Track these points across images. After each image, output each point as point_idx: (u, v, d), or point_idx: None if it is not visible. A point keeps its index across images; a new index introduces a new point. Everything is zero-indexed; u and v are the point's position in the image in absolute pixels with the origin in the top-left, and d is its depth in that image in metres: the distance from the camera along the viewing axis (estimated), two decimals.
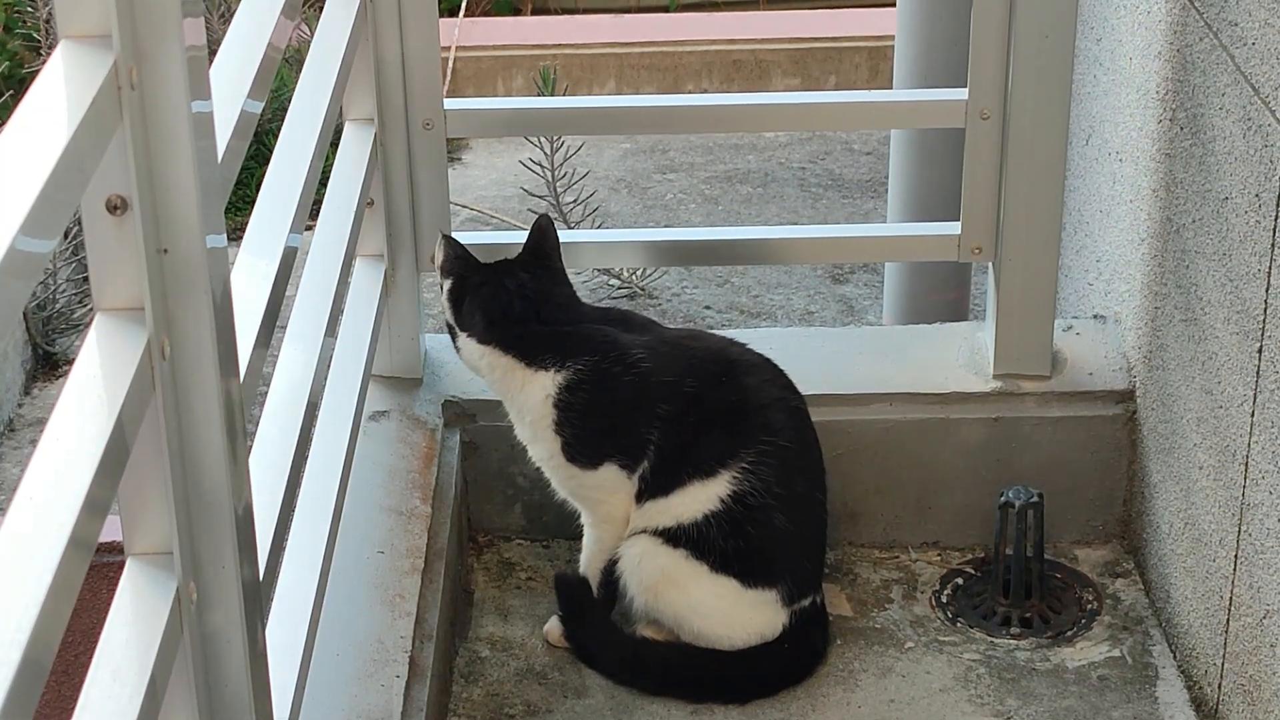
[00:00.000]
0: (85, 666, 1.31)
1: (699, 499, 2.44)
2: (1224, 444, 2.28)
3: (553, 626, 2.56)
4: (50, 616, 1.09)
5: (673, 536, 2.45)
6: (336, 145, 2.50)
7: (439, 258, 2.55)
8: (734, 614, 2.46)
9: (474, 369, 2.54)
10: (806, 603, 2.48)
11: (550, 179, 4.51)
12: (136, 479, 1.37)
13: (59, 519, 1.16)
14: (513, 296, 2.49)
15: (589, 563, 2.55)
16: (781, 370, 2.54)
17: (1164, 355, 2.54)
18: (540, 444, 2.50)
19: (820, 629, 2.53)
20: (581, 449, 2.48)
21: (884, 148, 4.87)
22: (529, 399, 2.47)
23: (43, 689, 1.08)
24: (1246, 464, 2.19)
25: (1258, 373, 2.14)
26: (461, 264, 2.53)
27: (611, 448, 2.47)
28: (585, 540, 2.56)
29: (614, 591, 2.51)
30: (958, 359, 2.77)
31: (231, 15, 1.84)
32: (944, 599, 2.67)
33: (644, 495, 2.47)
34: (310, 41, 2.35)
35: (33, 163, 1.14)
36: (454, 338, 2.54)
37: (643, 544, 2.46)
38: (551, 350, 2.46)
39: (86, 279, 3.71)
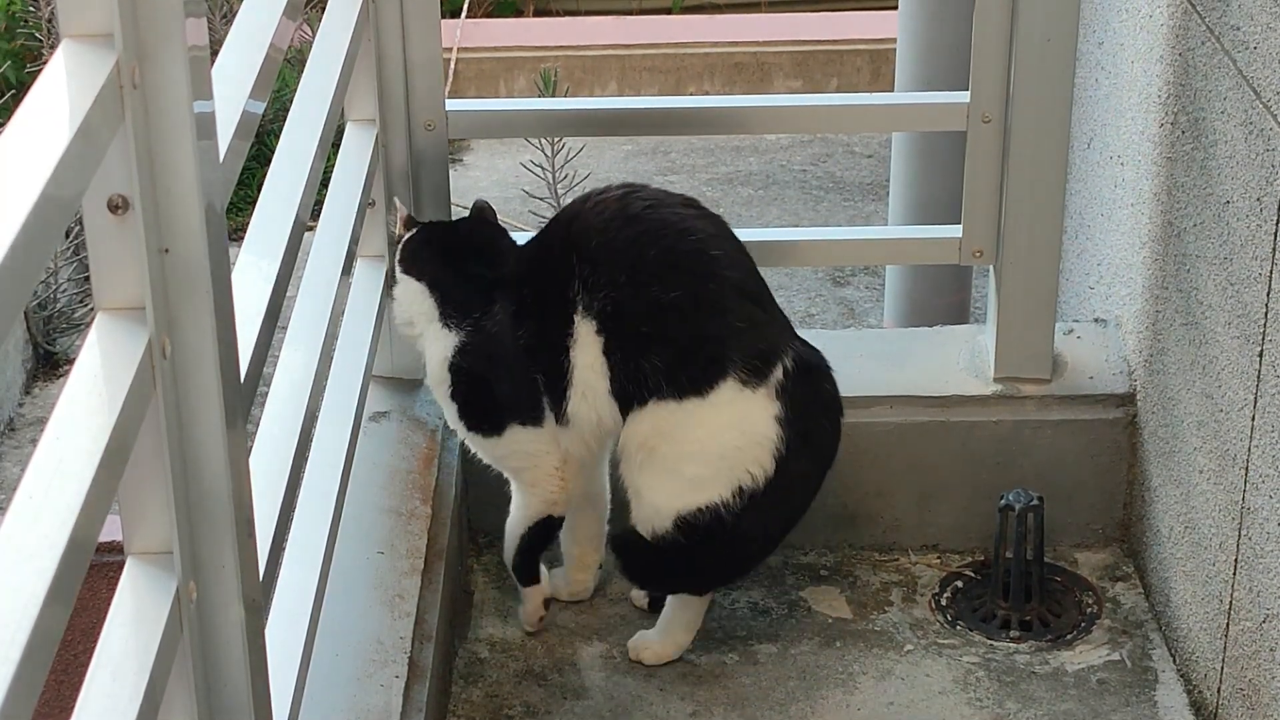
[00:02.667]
0: (85, 666, 1.31)
1: (591, 353, 2.35)
2: (1224, 448, 2.28)
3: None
4: (50, 616, 1.09)
5: (624, 397, 2.36)
6: (338, 146, 2.51)
7: (398, 225, 2.53)
8: (719, 421, 2.34)
9: (406, 322, 2.49)
10: (779, 371, 2.36)
11: (551, 180, 4.51)
12: (137, 478, 1.37)
13: (59, 518, 1.16)
14: (458, 227, 2.51)
15: (511, 528, 2.52)
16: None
17: (1164, 359, 2.54)
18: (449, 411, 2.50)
19: (822, 376, 2.43)
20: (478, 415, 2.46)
21: (885, 150, 4.88)
22: (431, 359, 2.47)
23: (42, 688, 1.08)
24: (1247, 468, 2.19)
25: (1258, 377, 2.14)
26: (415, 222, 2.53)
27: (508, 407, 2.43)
28: (513, 503, 2.52)
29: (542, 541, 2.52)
30: (958, 362, 2.77)
31: (233, 15, 1.84)
32: (943, 602, 2.67)
33: (551, 407, 2.40)
34: (312, 42, 2.35)
35: (34, 162, 1.14)
36: (391, 288, 2.51)
37: (625, 433, 2.39)
38: (463, 305, 2.43)
39: (87, 278, 3.71)
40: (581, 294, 2.34)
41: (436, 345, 2.44)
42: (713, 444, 2.35)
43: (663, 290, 2.32)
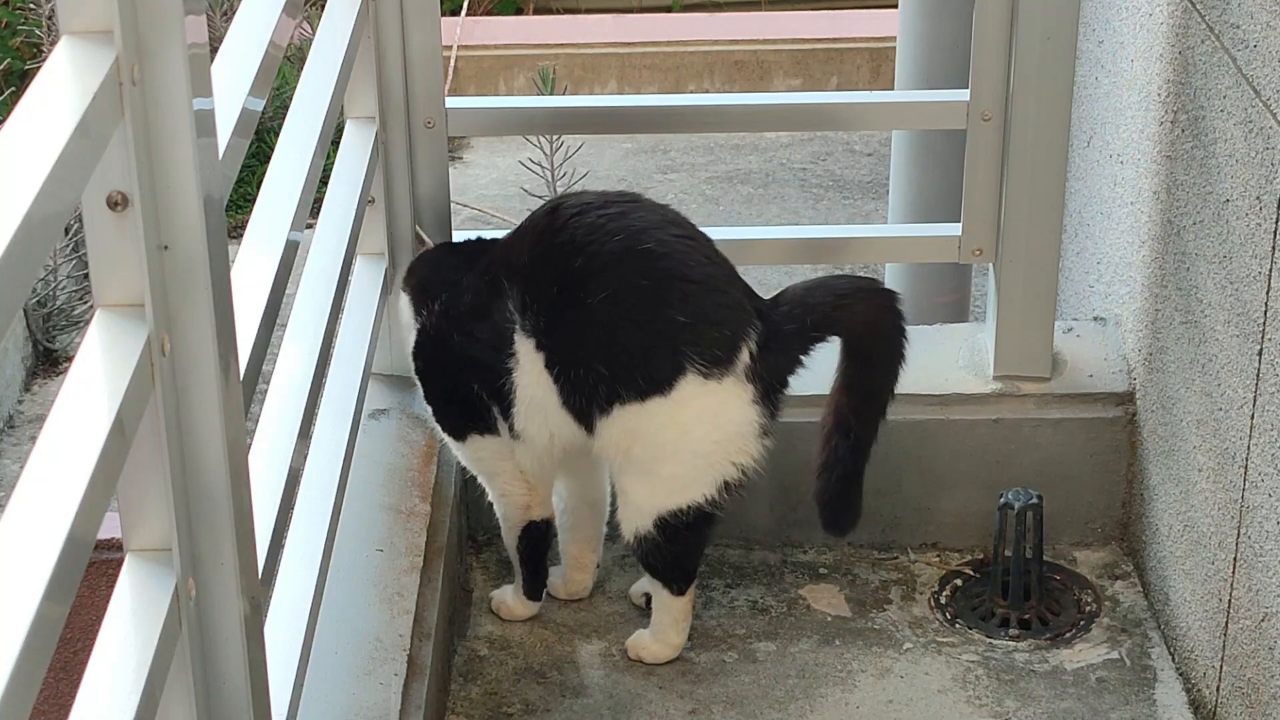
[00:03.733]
0: (84, 663, 1.31)
1: (533, 371, 2.34)
2: (1223, 446, 2.28)
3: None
4: (49, 612, 1.09)
5: (581, 411, 2.34)
6: (338, 143, 2.50)
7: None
8: (686, 417, 2.31)
9: (403, 335, 2.51)
10: (745, 353, 2.30)
11: (550, 179, 4.51)
12: (136, 475, 1.37)
13: (58, 515, 1.16)
14: (459, 244, 2.52)
15: (507, 543, 2.56)
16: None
17: (1164, 357, 2.54)
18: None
19: (793, 335, 2.35)
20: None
21: (885, 149, 4.88)
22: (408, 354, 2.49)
23: (41, 685, 1.08)
24: (1246, 466, 2.19)
25: (1257, 375, 2.14)
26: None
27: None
28: (498, 515, 2.55)
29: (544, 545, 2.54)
30: (958, 360, 2.77)
31: (233, 12, 1.85)
32: (943, 600, 2.67)
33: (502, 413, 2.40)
34: (312, 39, 2.35)
35: (34, 158, 1.14)
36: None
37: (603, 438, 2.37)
38: (426, 290, 2.45)
39: (87, 275, 3.72)
40: (517, 315, 2.33)
41: (409, 341, 2.48)
42: (685, 442, 2.33)
43: (590, 296, 2.29)
